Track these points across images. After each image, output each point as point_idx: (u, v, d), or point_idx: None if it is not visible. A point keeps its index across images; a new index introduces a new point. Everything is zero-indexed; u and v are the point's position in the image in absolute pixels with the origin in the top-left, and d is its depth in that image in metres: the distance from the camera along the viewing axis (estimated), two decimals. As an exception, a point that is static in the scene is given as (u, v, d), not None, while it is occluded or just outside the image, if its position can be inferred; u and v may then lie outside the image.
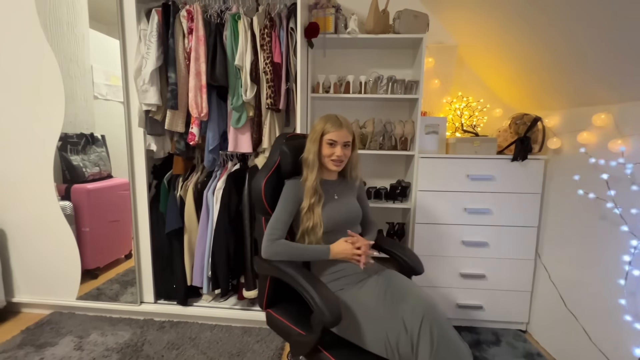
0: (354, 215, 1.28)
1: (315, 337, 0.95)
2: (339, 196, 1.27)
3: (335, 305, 0.91)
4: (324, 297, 0.92)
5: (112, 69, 2.05)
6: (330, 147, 1.20)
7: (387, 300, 1.03)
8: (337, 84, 1.90)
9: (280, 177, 1.27)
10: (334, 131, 1.19)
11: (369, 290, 1.09)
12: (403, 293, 1.04)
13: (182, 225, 1.85)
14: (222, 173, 1.88)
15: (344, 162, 1.24)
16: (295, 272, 1.03)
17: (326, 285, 1.02)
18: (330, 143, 1.19)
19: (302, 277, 1.01)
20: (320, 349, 0.99)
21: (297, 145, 1.27)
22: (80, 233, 2.04)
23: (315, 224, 1.16)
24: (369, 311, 1.03)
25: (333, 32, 1.79)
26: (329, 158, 1.21)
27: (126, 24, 1.73)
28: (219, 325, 1.85)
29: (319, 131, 1.20)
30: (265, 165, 1.29)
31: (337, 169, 1.23)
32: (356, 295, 1.09)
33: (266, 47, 1.67)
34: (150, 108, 1.71)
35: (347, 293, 1.12)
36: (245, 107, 1.74)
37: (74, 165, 2.07)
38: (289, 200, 1.20)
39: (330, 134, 1.19)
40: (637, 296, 1.20)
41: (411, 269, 1.27)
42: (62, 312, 1.96)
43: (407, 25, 1.74)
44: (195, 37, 1.67)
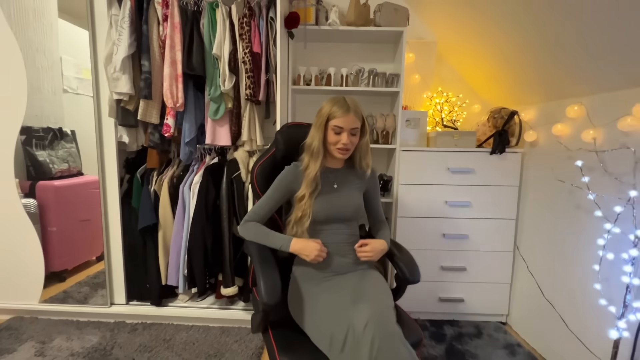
0: (351, 210, 1.18)
1: (260, 315, 1.01)
2: (339, 186, 1.18)
3: (273, 290, 0.93)
4: (267, 280, 0.95)
5: (84, 62, 1.94)
6: (335, 134, 1.10)
7: (347, 299, 1.00)
8: (319, 76, 1.88)
9: (276, 163, 1.29)
10: (341, 116, 1.08)
11: (337, 285, 1.07)
12: (363, 295, 1.01)
13: (157, 221, 1.76)
14: (199, 167, 1.81)
15: (350, 151, 1.14)
16: (256, 251, 1.09)
17: (275, 270, 1.01)
18: (336, 130, 1.09)
19: (257, 257, 1.06)
20: (267, 328, 1.03)
21: (295, 134, 1.28)
22: (46, 233, 1.91)
23: (303, 214, 1.10)
24: (325, 305, 1.01)
25: (314, 24, 1.77)
26: (335, 146, 1.11)
27: (96, 10, 1.64)
28: (196, 325, 1.77)
29: (324, 115, 1.11)
30: (265, 151, 1.33)
31: (343, 157, 1.14)
32: (321, 287, 1.08)
33: (245, 36, 1.62)
34: (121, 97, 1.63)
35: (313, 283, 1.10)
36: (224, 98, 1.69)
37: (40, 161, 1.95)
38: (280, 188, 1.15)
39: (336, 119, 1.09)
40: (611, 280, 1.22)
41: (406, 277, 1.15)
42: (24, 317, 1.82)
43: (387, 18, 1.74)
44: (171, 24, 1.61)
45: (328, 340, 0.93)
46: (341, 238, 1.16)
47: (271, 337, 1.00)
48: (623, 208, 1.14)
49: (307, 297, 1.07)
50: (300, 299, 1.07)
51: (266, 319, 1.02)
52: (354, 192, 1.20)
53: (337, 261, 1.13)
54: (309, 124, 1.24)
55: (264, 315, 1.01)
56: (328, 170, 1.18)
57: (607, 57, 1.20)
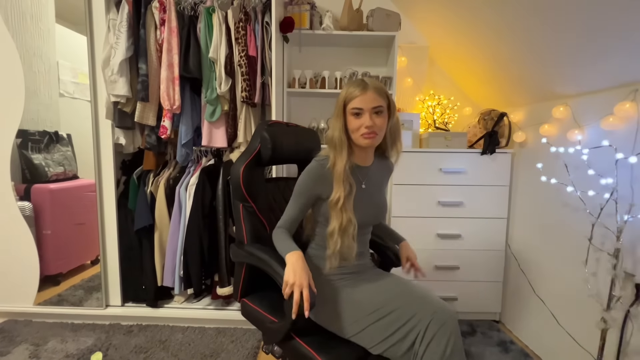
0: (382, 213, 1.07)
1: (288, 323, 0.92)
2: (367, 185, 1.03)
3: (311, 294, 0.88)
4: None
5: (80, 66, 1.97)
6: (356, 118, 0.94)
7: (401, 295, 0.94)
8: (313, 79, 1.91)
9: (261, 163, 1.22)
10: (358, 95, 0.92)
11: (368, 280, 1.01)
12: (422, 294, 0.94)
13: (153, 222, 1.77)
14: (195, 169, 1.83)
15: (378, 135, 0.95)
16: (269, 257, 0.99)
17: None
18: (355, 113, 0.93)
19: (275, 262, 0.97)
20: (293, 336, 0.96)
21: (279, 132, 1.22)
22: (40, 236, 1.90)
23: (347, 220, 0.94)
24: (369, 305, 0.94)
25: (308, 28, 1.81)
26: (358, 132, 0.94)
27: (94, 14, 1.67)
28: (192, 327, 1.77)
29: (340, 101, 0.96)
30: (246, 151, 1.23)
31: (370, 142, 0.95)
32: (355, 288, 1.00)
33: (241, 40, 1.66)
34: (119, 99, 1.65)
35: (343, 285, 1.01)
36: (220, 101, 1.72)
37: (35, 164, 1.95)
38: (304, 192, 1.00)
39: (353, 101, 0.93)
40: (599, 274, 1.26)
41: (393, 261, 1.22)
42: (17, 319, 1.81)
43: (380, 23, 1.79)
44: (168, 29, 1.64)
45: (381, 329, 0.89)
46: (362, 243, 1.06)
47: (302, 343, 0.94)
48: (606, 203, 1.18)
49: (338, 296, 0.98)
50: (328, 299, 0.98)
51: (295, 325, 0.92)
52: (381, 191, 1.08)
53: (356, 262, 1.05)
54: (288, 123, 1.24)
55: (295, 322, 0.88)
56: (356, 168, 1.02)
57: (589, 60, 1.25)
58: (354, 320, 0.94)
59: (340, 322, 0.95)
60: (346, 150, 0.95)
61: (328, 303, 0.98)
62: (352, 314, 0.95)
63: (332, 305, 0.98)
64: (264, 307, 1.11)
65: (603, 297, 1.21)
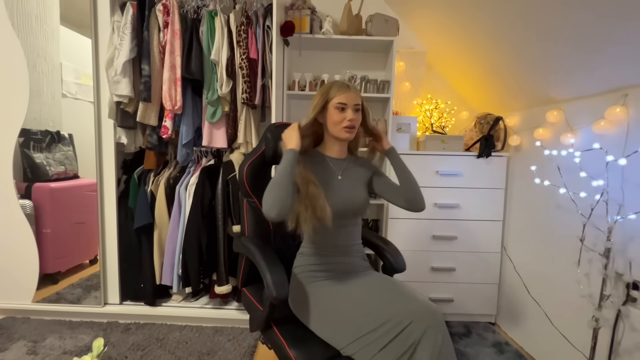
0: (358, 203, 1.10)
1: (265, 312, 0.98)
2: (343, 177, 1.11)
3: (282, 284, 0.93)
4: (274, 276, 0.94)
5: (83, 67, 2.00)
6: (339, 112, 1.04)
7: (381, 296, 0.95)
8: (313, 82, 1.95)
9: (265, 163, 1.30)
10: (343, 93, 1.03)
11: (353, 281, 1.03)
12: (407, 295, 0.94)
13: (152, 221, 1.79)
14: (195, 168, 1.85)
15: (356, 129, 1.07)
16: (256, 249, 1.05)
17: (281, 265, 0.99)
18: (340, 108, 1.03)
19: (260, 254, 1.03)
20: (272, 326, 1.02)
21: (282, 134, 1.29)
22: (40, 234, 1.92)
23: (308, 181, 1.01)
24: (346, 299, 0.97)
25: (308, 32, 1.85)
26: (340, 125, 1.04)
27: (99, 16, 1.71)
28: (189, 325, 1.78)
29: (322, 97, 1.05)
30: (253, 151, 1.32)
31: (349, 136, 1.06)
32: (331, 282, 1.03)
33: (242, 43, 1.70)
34: (121, 99, 1.68)
35: (321, 280, 1.05)
36: (221, 102, 1.75)
37: (37, 163, 1.97)
38: None
39: (338, 97, 1.03)
40: (591, 275, 1.28)
41: (393, 266, 1.23)
42: (16, 317, 1.82)
43: (378, 28, 1.83)
44: (171, 31, 1.67)
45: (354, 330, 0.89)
46: (346, 237, 1.10)
47: (278, 333, 0.99)
48: (597, 204, 1.20)
49: (318, 292, 1.02)
50: (307, 295, 1.03)
51: (272, 314, 1.00)
52: (360, 185, 1.13)
53: (343, 260, 1.08)
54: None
55: (271, 311, 0.98)
56: (330, 160, 1.12)
57: (581, 67, 1.29)
58: (326, 318, 0.96)
59: (311, 318, 0.99)
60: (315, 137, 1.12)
61: (306, 298, 1.02)
62: (324, 312, 0.97)
63: (308, 301, 1.02)
64: (255, 296, 1.17)
65: (595, 297, 1.23)
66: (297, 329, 1.02)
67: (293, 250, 1.36)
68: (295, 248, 1.37)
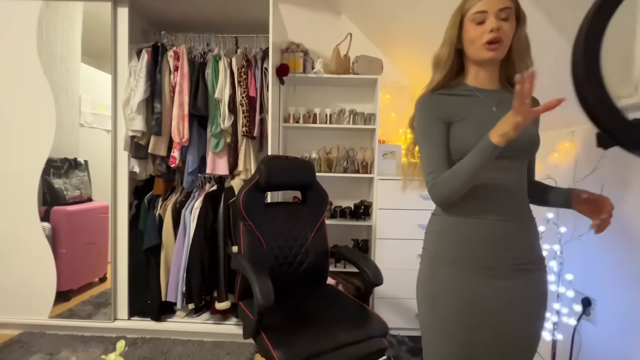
0: (525, 144, 0.81)
1: (255, 320, 1.14)
2: (499, 109, 0.82)
3: (268, 293, 1.09)
4: (261, 286, 1.11)
5: (99, 99, 2.24)
6: (477, 25, 0.79)
7: (489, 331, 0.80)
8: (306, 115, 2.16)
9: (259, 190, 1.49)
10: (482, 0, 0.78)
11: (490, 296, 0.80)
12: (512, 335, 0.80)
13: (160, 242, 1.96)
14: (200, 194, 2.04)
15: (505, 44, 0.79)
16: (247, 264, 1.25)
17: (268, 277, 1.15)
18: (477, 20, 0.79)
19: (250, 268, 1.22)
20: (261, 332, 1.17)
21: (275, 165, 1.51)
22: (56, 254, 2.09)
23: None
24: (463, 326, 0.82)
25: (302, 72, 2.08)
26: (480, 41, 0.79)
27: (118, 61, 1.95)
28: (191, 340, 1.92)
29: (457, 13, 0.84)
30: (248, 180, 1.52)
31: (495, 54, 0.79)
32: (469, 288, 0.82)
33: (243, 83, 1.92)
34: (135, 134, 1.89)
35: (461, 273, 0.83)
36: (223, 134, 1.96)
37: (55, 188, 2.17)
38: (430, 125, 0.84)
39: (475, 6, 0.79)
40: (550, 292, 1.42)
41: (372, 280, 1.39)
42: (33, 331, 1.97)
43: (364, 68, 2.05)
44: (180, 74, 1.91)
45: None
46: (506, 183, 0.81)
47: (265, 338, 1.14)
48: (545, 228, 1.36)
49: (453, 299, 0.83)
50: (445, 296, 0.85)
51: (260, 321, 1.15)
52: (532, 124, 0.86)
53: (505, 231, 0.80)
54: (287, 156, 1.48)
55: (259, 318, 1.14)
56: (478, 91, 0.85)
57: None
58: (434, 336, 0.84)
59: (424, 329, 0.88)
60: (448, 69, 0.85)
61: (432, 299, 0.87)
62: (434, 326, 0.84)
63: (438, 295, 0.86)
64: (249, 308, 1.32)
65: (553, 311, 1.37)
66: (284, 333, 1.17)
67: (285, 268, 1.53)
68: (287, 266, 1.54)
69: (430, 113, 0.85)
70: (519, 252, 0.81)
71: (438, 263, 0.88)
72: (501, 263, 0.80)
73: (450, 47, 0.85)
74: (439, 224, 0.90)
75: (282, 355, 1.07)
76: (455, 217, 0.85)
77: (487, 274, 0.81)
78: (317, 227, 1.65)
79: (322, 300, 1.46)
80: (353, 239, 2.23)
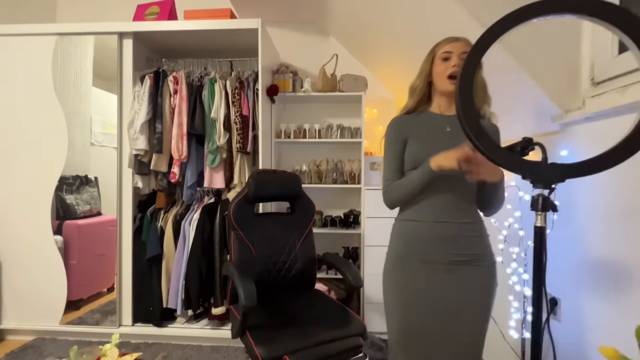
0: None
1: (240, 320, 1.25)
2: (453, 129, 1.00)
3: (251, 295, 1.21)
4: (245, 288, 1.23)
5: (109, 119, 2.43)
6: (444, 62, 0.98)
7: (434, 320, 0.99)
8: (297, 131, 2.31)
9: (249, 202, 1.63)
10: (449, 43, 0.97)
11: (432, 288, 0.99)
12: (455, 327, 0.98)
13: (161, 252, 2.11)
14: (198, 206, 2.19)
15: None
16: (234, 269, 1.38)
17: (252, 281, 1.26)
18: (444, 58, 0.98)
19: (236, 272, 1.34)
20: (246, 332, 1.28)
21: (263, 179, 1.65)
22: (67, 265, 2.24)
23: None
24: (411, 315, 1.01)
25: (291, 91, 2.24)
26: (445, 74, 0.97)
27: (124, 87, 2.15)
28: (190, 345, 2.03)
29: (430, 54, 1.03)
30: (239, 193, 1.66)
31: (454, 87, 0.93)
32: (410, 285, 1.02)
33: (237, 103, 2.09)
34: (139, 152, 2.07)
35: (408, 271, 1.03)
36: (219, 150, 2.12)
37: (68, 203, 2.35)
38: (390, 142, 1.08)
39: (443, 47, 0.98)
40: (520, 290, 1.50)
41: (352, 284, 1.49)
42: (45, 337, 2.11)
43: (349, 86, 2.20)
44: (179, 97, 2.09)
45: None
46: (449, 200, 0.98)
47: (249, 337, 1.25)
48: (507, 230, 1.46)
49: (402, 289, 1.04)
50: (395, 287, 1.05)
51: (245, 322, 1.26)
52: None
53: (442, 232, 0.98)
54: (275, 170, 1.61)
55: (244, 318, 1.25)
56: (439, 117, 1.04)
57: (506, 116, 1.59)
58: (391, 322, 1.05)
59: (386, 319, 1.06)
60: (421, 96, 1.04)
61: (390, 286, 1.07)
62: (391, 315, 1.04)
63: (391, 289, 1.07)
64: (238, 309, 1.42)
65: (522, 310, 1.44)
66: (267, 332, 1.28)
67: (275, 274, 1.65)
68: (277, 272, 1.66)
69: (394, 132, 1.08)
70: (459, 250, 0.98)
71: (392, 259, 1.10)
72: (442, 259, 0.99)
73: (423, 79, 1.06)
74: (396, 227, 1.12)
75: (264, 352, 1.18)
76: (405, 221, 1.06)
77: (430, 268, 1.00)
78: (305, 235, 1.76)
79: (307, 303, 1.57)
80: (344, 246, 2.33)
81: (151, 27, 2.07)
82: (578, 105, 1.26)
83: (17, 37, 2.14)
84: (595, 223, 1.19)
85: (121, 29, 2.10)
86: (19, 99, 2.16)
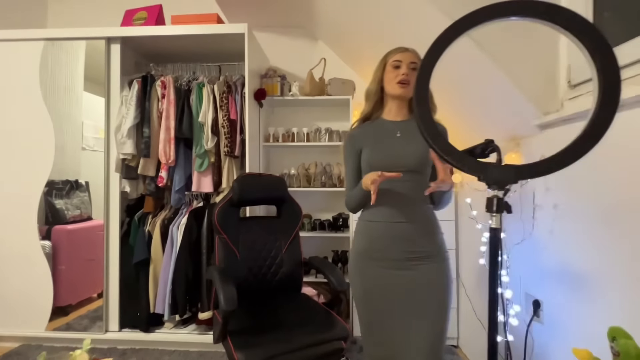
0: (416, 158, 1.06)
1: (221, 324, 1.25)
2: (403, 134, 1.11)
3: (231, 299, 1.21)
4: (225, 292, 1.23)
5: (101, 123, 2.43)
6: (394, 69, 1.08)
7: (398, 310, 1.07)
8: (285, 134, 2.32)
9: (233, 205, 1.63)
10: (399, 53, 1.08)
11: (390, 279, 1.07)
12: (417, 316, 1.04)
13: (149, 256, 2.09)
14: (187, 210, 2.18)
15: (411, 86, 1.05)
16: (216, 273, 1.38)
17: (233, 285, 1.27)
18: (395, 66, 1.08)
19: (217, 276, 1.35)
20: (227, 337, 1.27)
21: (248, 182, 1.66)
22: (56, 271, 2.23)
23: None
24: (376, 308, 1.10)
25: (279, 95, 2.25)
26: (394, 81, 1.07)
27: (112, 91, 2.15)
28: (178, 350, 2.01)
29: (381, 62, 1.13)
30: (224, 197, 1.66)
31: (404, 92, 1.07)
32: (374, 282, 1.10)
33: (224, 107, 2.09)
34: (126, 157, 2.07)
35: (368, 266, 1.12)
36: (207, 154, 2.11)
37: (57, 208, 2.34)
38: (347, 156, 1.17)
39: (393, 56, 1.09)
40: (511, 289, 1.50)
41: (335, 287, 1.49)
42: (30, 344, 2.09)
43: (336, 89, 2.21)
44: (167, 101, 2.09)
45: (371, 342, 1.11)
46: (404, 202, 1.07)
47: (229, 341, 1.25)
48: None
49: (363, 283, 1.14)
50: (357, 282, 1.16)
51: (225, 326, 1.26)
52: (421, 142, 0.97)
53: (399, 231, 1.06)
54: (261, 174, 1.61)
55: (224, 322, 1.25)
56: (390, 123, 1.14)
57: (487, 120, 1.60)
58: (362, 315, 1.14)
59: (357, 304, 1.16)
60: (376, 100, 1.14)
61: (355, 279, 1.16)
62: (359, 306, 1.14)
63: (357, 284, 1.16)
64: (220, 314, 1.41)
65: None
66: (247, 337, 1.28)
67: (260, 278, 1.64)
68: (262, 276, 1.65)
69: (349, 147, 1.17)
70: (414, 247, 1.07)
71: (354, 256, 1.18)
72: (398, 255, 1.07)
73: (376, 84, 1.15)
74: (359, 226, 1.19)
75: (243, 357, 1.17)
76: (367, 222, 1.15)
77: (386, 264, 1.09)
78: (291, 239, 1.76)
79: (292, 308, 1.56)
80: (333, 250, 2.33)
81: (138, 32, 2.08)
82: (557, 107, 1.27)
83: (4, 42, 2.14)
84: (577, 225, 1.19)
85: (108, 34, 2.11)
86: (6, 104, 2.16)
